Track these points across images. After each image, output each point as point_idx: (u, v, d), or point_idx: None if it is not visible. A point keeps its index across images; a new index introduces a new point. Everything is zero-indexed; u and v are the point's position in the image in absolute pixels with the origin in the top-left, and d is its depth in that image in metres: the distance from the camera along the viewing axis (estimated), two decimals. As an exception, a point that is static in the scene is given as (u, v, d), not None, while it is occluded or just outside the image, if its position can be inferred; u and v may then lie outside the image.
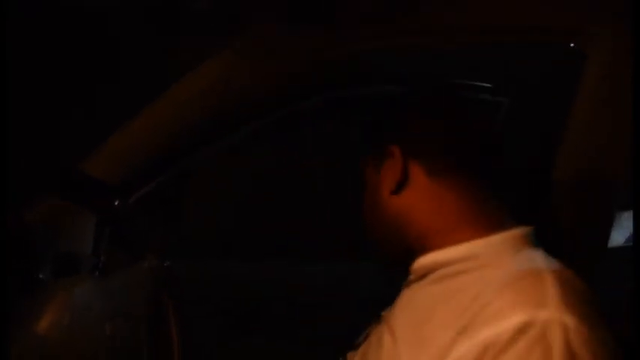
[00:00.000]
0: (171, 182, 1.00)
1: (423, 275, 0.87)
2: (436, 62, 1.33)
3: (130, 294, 0.96)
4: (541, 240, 0.86)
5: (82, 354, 0.88)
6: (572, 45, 1.15)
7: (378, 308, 0.97)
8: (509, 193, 0.90)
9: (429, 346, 0.78)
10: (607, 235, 1.14)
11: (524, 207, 1.00)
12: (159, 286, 0.98)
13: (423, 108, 0.92)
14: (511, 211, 0.90)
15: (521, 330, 0.70)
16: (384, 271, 0.98)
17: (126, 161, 1.04)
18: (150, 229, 0.99)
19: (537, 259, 0.81)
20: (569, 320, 0.70)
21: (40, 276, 0.90)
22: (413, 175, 0.89)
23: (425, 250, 0.88)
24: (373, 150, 0.94)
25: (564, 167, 1.14)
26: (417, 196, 0.89)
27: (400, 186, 0.89)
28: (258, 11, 1.15)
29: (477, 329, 0.73)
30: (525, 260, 0.80)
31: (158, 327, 0.97)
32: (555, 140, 1.15)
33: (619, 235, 1.65)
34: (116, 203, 0.95)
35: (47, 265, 0.91)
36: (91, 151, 1.03)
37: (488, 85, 1.29)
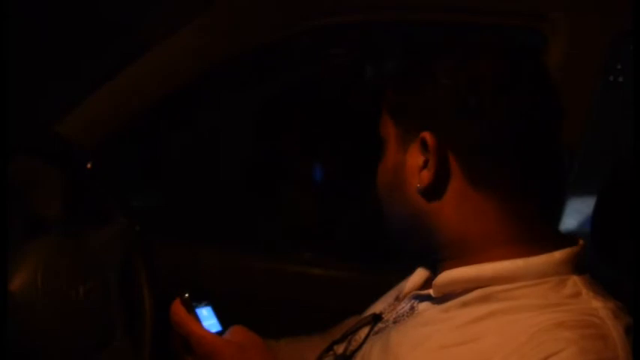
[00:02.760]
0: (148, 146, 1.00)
1: (448, 295, 0.74)
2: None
3: (102, 257, 0.95)
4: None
5: (55, 315, 0.87)
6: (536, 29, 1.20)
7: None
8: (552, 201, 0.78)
9: None
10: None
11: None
12: (130, 249, 0.98)
13: (461, 86, 0.72)
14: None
15: None
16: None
17: (102, 124, 1.04)
18: (123, 193, 0.98)
19: (591, 299, 0.69)
20: None
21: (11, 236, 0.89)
22: (449, 175, 0.73)
23: (451, 259, 0.75)
24: (399, 122, 0.77)
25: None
26: (450, 201, 0.73)
27: (432, 189, 0.73)
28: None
29: None
30: (575, 301, 0.68)
31: (130, 290, 0.97)
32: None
33: (572, 220, 1.71)
34: (89, 165, 0.94)
35: (18, 226, 0.90)
36: (68, 113, 1.02)
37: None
